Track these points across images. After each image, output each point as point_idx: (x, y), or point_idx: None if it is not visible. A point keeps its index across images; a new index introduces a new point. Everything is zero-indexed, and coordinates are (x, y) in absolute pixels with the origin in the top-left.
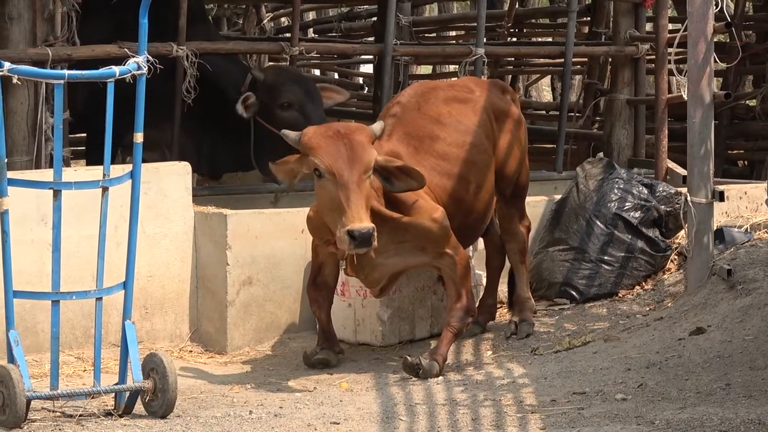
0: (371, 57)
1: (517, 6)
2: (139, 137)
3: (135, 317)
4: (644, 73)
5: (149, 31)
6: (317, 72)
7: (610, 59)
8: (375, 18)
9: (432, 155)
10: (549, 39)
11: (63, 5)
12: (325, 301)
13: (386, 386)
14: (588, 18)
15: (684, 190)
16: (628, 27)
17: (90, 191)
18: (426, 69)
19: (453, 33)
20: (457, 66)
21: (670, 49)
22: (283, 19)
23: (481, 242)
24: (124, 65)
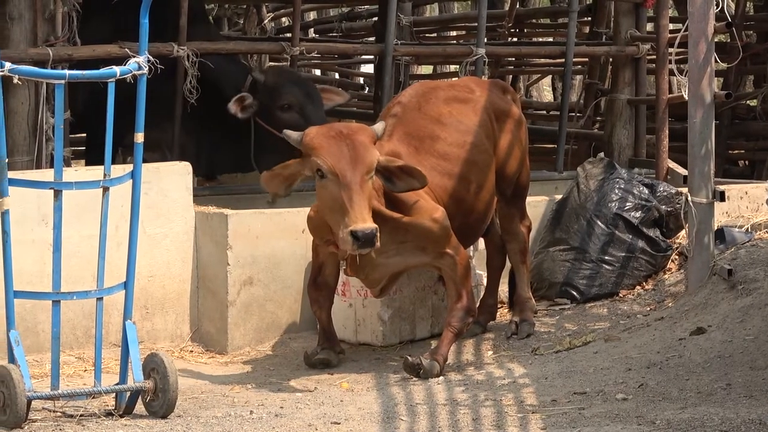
0: (372, 57)
1: (518, 6)
2: (140, 137)
3: (136, 317)
4: (645, 73)
5: (149, 31)
6: (318, 72)
7: (611, 59)
8: (376, 18)
9: (432, 155)
10: (550, 39)
11: (64, 5)
12: (326, 301)
13: (387, 386)
14: (589, 18)
15: (685, 190)
16: (629, 27)
17: (91, 191)
18: (427, 69)
19: (454, 33)
20: (458, 66)
21: (671, 49)
22: (284, 19)
23: (482, 242)
24: (125, 65)
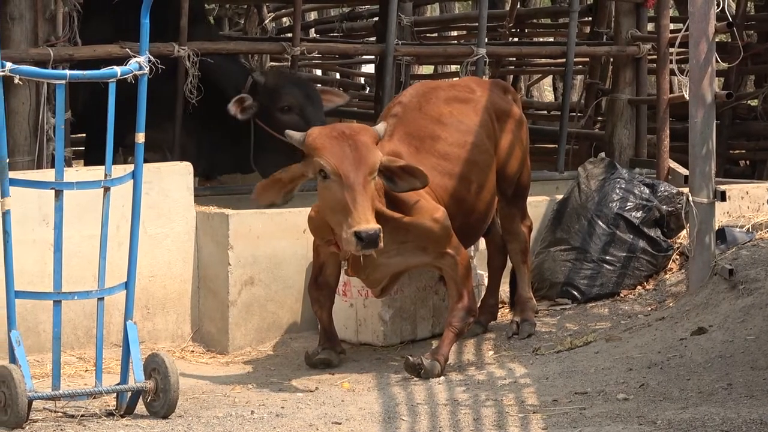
0: (373, 57)
1: (519, 6)
2: (141, 137)
3: (137, 317)
4: (646, 73)
5: (150, 32)
6: (319, 72)
7: (612, 59)
8: (376, 18)
9: (433, 155)
10: (550, 39)
11: (64, 5)
12: (327, 301)
13: (388, 386)
14: (589, 18)
15: (685, 190)
16: (630, 27)
17: (91, 191)
18: (427, 69)
19: (454, 33)
20: (459, 66)
21: (672, 49)
22: (285, 19)
23: (483, 242)
24: (126, 65)
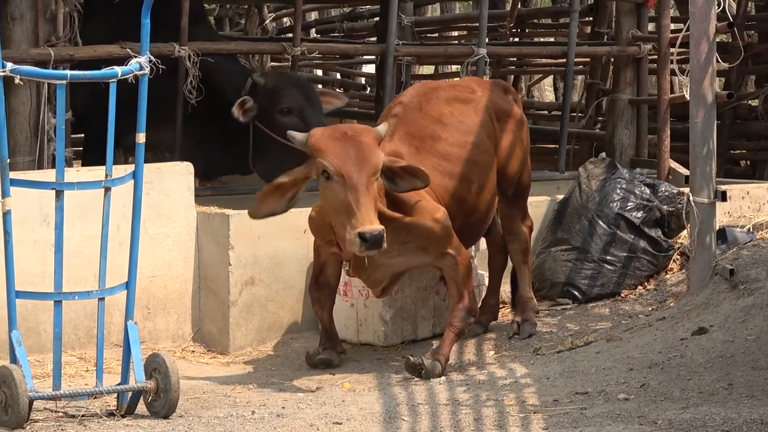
0: (373, 57)
1: (520, 6)
2: (142, 137)
3: (137, 317)
4: (647, 73)
5: (150, 32)
6: (319, 72)
7: (613, 59)
8: (377, 18)
9: (433, 155)
10: (551, 39)
11: (65, 5)
12: (327, 301)
13: (389, 386)
14: (590, 18)
15: (686, 190)
16: (631, 27)
17: (92, 191)
18: (428, 69)
19: (455, 33)
20: (459, 66)
21: (673, 49)
22: (286, 20)
23: (484, 242)
24: (127, 65)
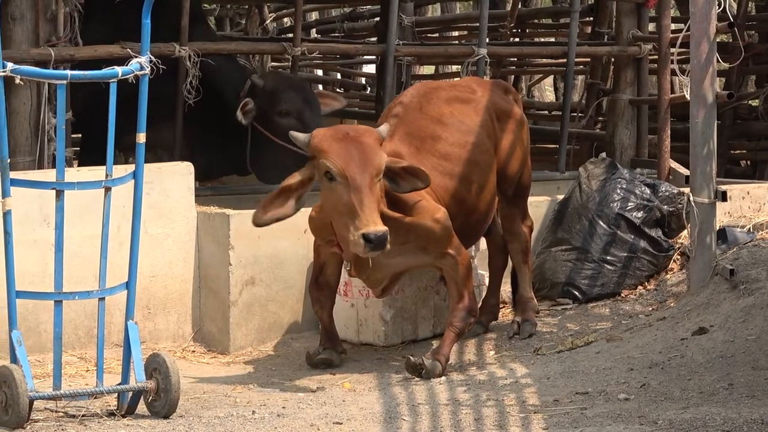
0: (374, 57)
1: (520, 6)
2: (142, 137)
3: (138, 317)
4: (647, 73)
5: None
6: (320, 72)
7: (613, 59)
8: (377, 18)
9: (434, 155)
10: (552, 39)
11: (65, 6)
12: (327, 301)
13: (389, 386)
14: (591, 18)
15: (687, 190)
16: (631, 27)
17: (92, 191)
18: (428, 69)
19: (455, 33)
20: (460, 66)
21: (673, 49)
22: (286, 20)
23: (484, 242)
24: (127, 65)
